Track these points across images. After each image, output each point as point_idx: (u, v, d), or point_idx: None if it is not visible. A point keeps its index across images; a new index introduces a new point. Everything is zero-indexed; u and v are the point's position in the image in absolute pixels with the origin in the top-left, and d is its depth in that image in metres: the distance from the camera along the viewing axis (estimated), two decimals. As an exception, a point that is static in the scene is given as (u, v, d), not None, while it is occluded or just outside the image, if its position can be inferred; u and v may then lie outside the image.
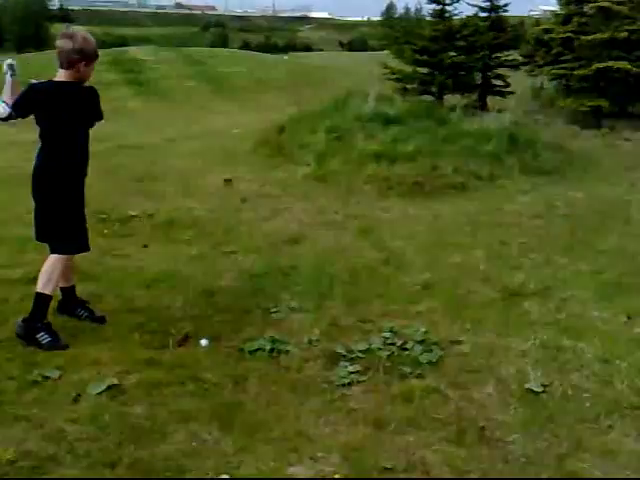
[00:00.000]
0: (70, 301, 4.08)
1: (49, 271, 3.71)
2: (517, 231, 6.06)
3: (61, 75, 3.63)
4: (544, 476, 2.59)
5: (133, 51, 26.16)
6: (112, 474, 2.58)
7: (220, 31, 72.68)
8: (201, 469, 2.65)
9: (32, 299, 4.02)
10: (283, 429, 2.92)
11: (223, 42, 61.67)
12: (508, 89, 16.78)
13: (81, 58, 3.58)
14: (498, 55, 17.05)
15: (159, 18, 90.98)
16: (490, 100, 16.77)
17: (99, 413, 3.00)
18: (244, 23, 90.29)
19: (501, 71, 17.07)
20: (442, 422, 2.95)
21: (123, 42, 42.97)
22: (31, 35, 53.30)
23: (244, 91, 21.27)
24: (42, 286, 3.69)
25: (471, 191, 7.67)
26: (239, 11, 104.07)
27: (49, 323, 3.72)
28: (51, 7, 63.71)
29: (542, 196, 7.38)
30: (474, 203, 7.12)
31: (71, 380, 3.29)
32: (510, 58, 17.37)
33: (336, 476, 2.58)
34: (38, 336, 3.63)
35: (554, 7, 17.67)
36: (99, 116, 3.86)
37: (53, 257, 3.75)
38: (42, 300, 3.70)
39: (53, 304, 3.90)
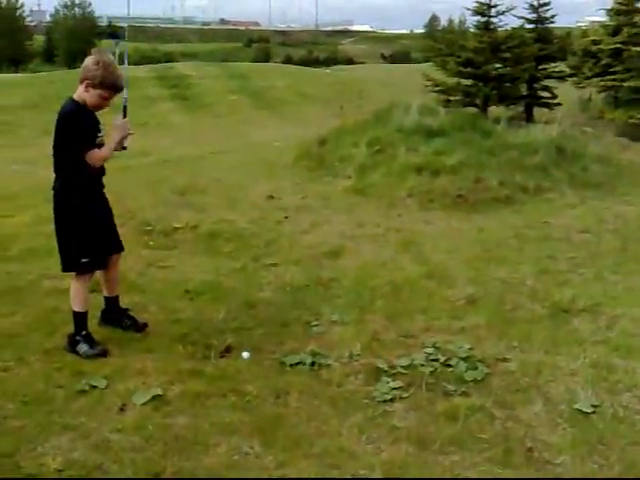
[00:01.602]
0: (113, 311, 4.15)
1: (77, 290, 3.86)
2: (565, 246, 5.92)
3: (77, 92, 3.72)
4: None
5: (179, 67, 26.74)
6: (156, 485, 2.60)
7: (263, 46, 73.60)
8: (243, 482, 2.64)
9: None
10: (324, 445, 2.90)
11: (266, 57, 62.43)
12: (555, 101, 16.54)
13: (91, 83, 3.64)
14: (544, 67, 16.84)
15: (204, 34, 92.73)
16: (536, 112, 16.53)
17: (144, 424, 3.03)
18: (286, 38, 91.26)
19: (548, 83, 16.84)
20: (488, 442, 2.88)
21: (170, 58, 43.93)
22: (80, 51, 54.82)
23: (286, 104, 21.48)
24: (73, 305, 3.87)
25: (517, 204, 7.52)
26: (282, 26, 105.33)
27: (88, 334, 3.82)
28: (99, 23, 65.47)
29: (591, 210, 7.20)
30: (520, 216, 6.98)
31: (117, 390, 3.34)
32: (557, 69, 17.14)
33: (379, 494, 2.54)
34: (77, 348, 3.75)
35: (602, 18, 17.40)
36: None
37: (78, 276, 3.85)
38: (76, 316, 3.85)
39: (97, 314, 4.02)
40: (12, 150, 13.45)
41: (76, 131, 3.65)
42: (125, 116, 3.97)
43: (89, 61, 3.68)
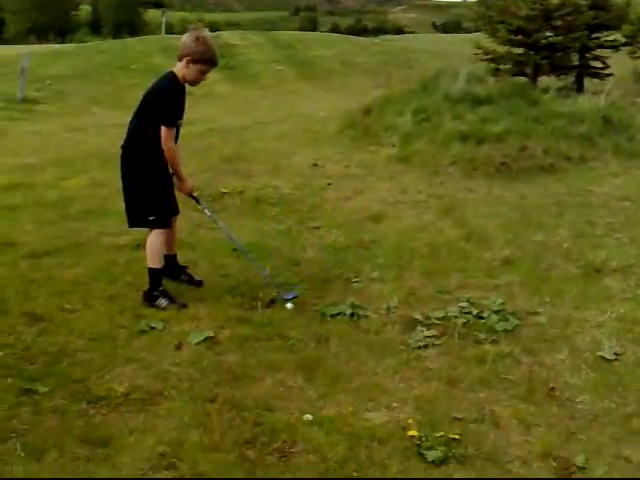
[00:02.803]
0: (172, 267, 4.44)
1: (151, 247, 4.08)
2: (604, 212, 6.01)
3: (177, 68, 3.92)
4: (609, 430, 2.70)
5: (224, 36, 26.89)
6: (211, 407, 2.91)
7: (309, 15, 73.15)
8: (287, 409, 2.93)
9: (137, 262, 4.52)
10: (361, 382, 3.17)
11: (312, 25, 62.06)
12: (607, 71, 16.18)
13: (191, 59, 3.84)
14: (598, 35, 16.44)
15: (249, 2, 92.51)
16: (588, 83, 16.22)
17: (198, 359, 3.35)
18: (334, 6, 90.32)
19: (600, 52, 16.46)
20: (513, 382, 3.11)
21: (215, 27, 44.16)
22: (126, 21, 55.23)
23: (332, 74, 21.54)
24: (150, 262, 4.09)
25: (560, 173, 7.58)
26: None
27: (164, 290, 4.08)
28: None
29: (633, 179, 7.22)
30: (562, 184, 7.06)
31: (173, 331, 3.67)
32: (610, 39, 16.71)
33: (409, 421, 2.79)
34: (157, 302, 4.01)
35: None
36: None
37: (152, 233, 4.10)
38: (153, 273, 4.09)
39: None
40: (64, 118, 13.96)
41: (170, 105, 3.90)
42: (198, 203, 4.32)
43: (188, 38, 3.85)
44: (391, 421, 2.84)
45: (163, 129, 3.89)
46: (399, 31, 63.19)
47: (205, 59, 3.86)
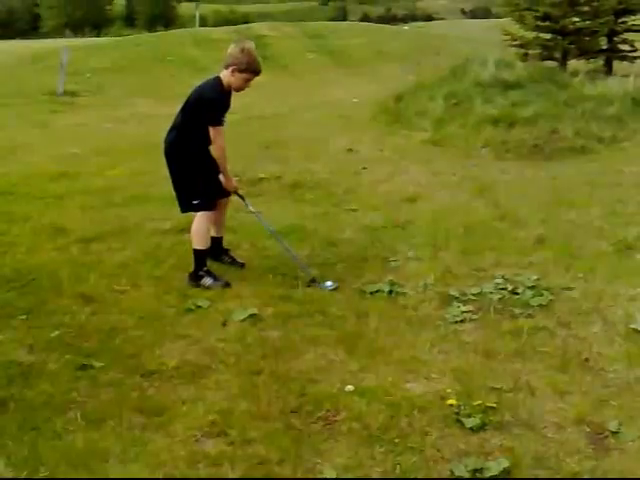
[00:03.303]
0: (217, 249, 4.64)
1: (196, 229, 4.29)
2: (636, 191, 6.03)
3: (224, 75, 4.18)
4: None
5: (257, 27, 27.12)
6: (258, 379, 3.07)
7: (339, 4, 72.86)
8: (329, 381, 3.07)
9: (181, 245, 4.71)
10: (400, 354, 3.30)
11: (343, 15, 61.80)
12: (635, 54, 16.02)
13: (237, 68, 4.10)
14: (624, 20, 16.32)
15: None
16: (617, 65, 16.04)
17: (243, 335, 3.52)
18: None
19: (628, 36, 16.31)
20: (548, 354, 3.21)
21: (247, 19, 44.36)
22: (159, 14, 55.75)
23: (363, 62, 21.55)
24: (195, 243, 4.30)
25: (592, 154, 7.61)
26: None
27: (208, 270, 4.28)
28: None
29: (666, 159, 7.19)
30: (594, 165, 7.08)
31: (219, 309, 3.85)
32: (638, 22, 16.56)
33: (448, 390, 2.92)
34: (202, 282, 4.22)
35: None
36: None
37: (197, 216, 4.31)
38: (198, 254, 4.29)
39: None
40: (103, 109, 14.26)
41: (215, 108, 4.17)
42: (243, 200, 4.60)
43: (234, 49, 4.14)
44: (430, 391, 2.96)
45: (212, 130, 4.14)
46: (429, 18, 62.69)
47: (251, 69, 4.16)
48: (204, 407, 2.85)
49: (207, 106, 4.16)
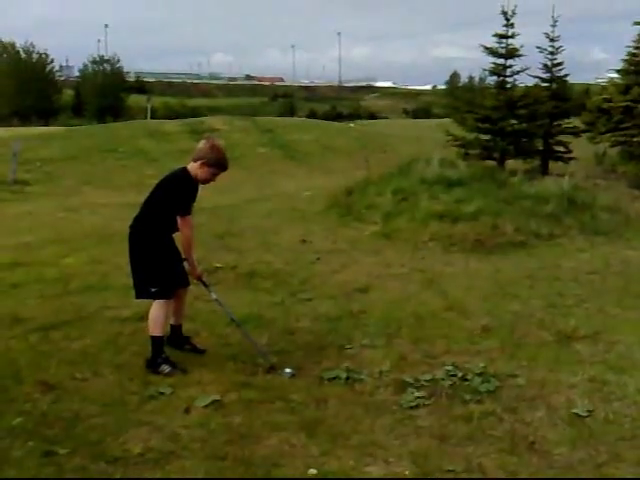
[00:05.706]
0: (177, 337, 4.77)
1: (153, 316, 4.41)
2: (573, 285, 6.48)
3: (192, 167, 4.45)
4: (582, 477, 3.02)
5: (209, 121, 27.97)
6: (223, 464, 3.16)
7: (288, 101, 75.76)
8: (293, 465, 3.19)
9: (141, 333, 4.80)
10: (359, 439, 3.45)
11: (291, 111, 64.13)
12: (570, 155, 17.18)
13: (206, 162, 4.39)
14: (559, 123, 17.54)
15: (229, 89, 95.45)
16: (552, 166, 17.18)
17: (207, 421, 3.62)
18: (310, 93, 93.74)
19: (562, 138, 17.52)
20: (497, 438, 3.42)
21: (197, 112, 45.49)
22: (108, 106, 56.43)
23: (313, 157, 22.43)
24: (152, 330, 4.41)
25: (531, 248, 8.13)
26: (306, 82, 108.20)
27: (166, 357, 4.39)
28: (128, 79, 67.52)
29: (599, 254, 7.77)
30: (533, 259, 7.57)
31: (181, 396, 3.94)
32: (571, 125, 17.83)
33: (406, 472, 3.08)
34: (159, 369, 4.31)
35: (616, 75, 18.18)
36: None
37: (154, 303, 4.44)
38: (155, 341, 4.40)
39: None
40: (56, 198, 14.34)
41: (183, 198, 4.40)
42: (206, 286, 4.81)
43: (205, 145, 4.46)
44: (389, 474, 3.12)
45: (180, 219, 4.36)
46: (372, 116, 65.62)
47: (218, 165, 4.46)
48: (170, 494, 2.92)
49: (177, 194, 4.38)
